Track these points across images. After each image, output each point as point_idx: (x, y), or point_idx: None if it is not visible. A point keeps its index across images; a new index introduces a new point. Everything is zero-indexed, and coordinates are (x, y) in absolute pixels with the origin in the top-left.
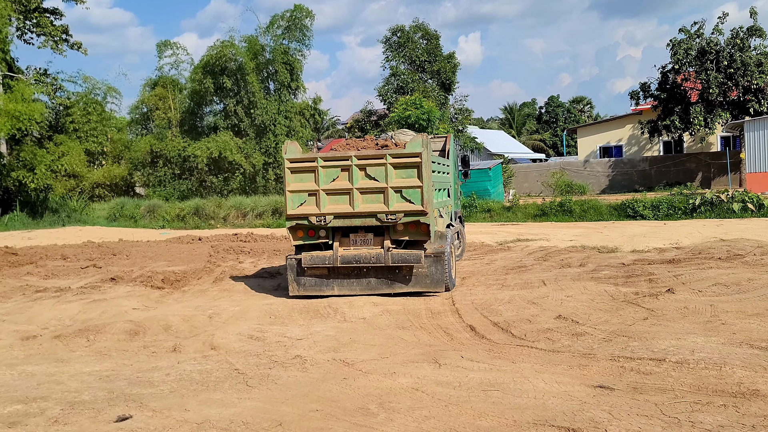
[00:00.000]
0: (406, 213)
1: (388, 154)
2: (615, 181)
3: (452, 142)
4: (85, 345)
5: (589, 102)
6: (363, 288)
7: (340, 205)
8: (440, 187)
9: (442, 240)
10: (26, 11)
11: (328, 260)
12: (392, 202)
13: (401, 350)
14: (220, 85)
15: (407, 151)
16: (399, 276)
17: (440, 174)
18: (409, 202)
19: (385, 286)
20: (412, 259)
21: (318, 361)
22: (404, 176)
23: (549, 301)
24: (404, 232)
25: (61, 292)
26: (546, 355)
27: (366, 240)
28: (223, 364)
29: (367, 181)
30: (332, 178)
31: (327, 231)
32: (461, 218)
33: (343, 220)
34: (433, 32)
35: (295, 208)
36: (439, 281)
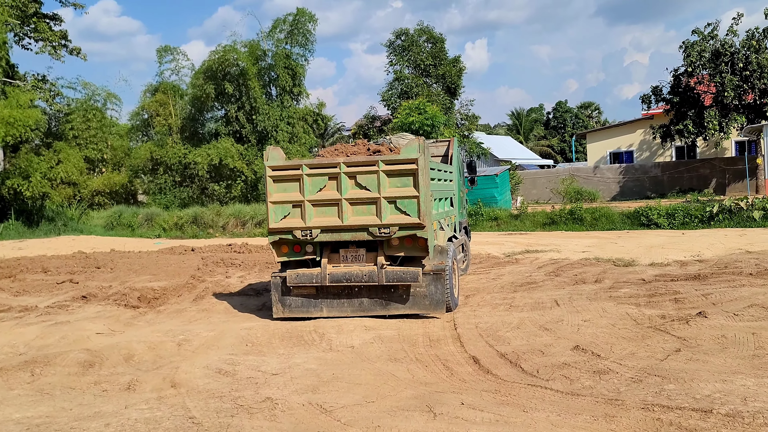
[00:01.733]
0: (400, 226)
1: (380, 161)
2: (626, 187)
3: (456, 146)
4: (28, 381)
5: (597, 107)
6: (355, 309)
7: (328, 218)
8: (442, 197)
9: (443, 255)
10: (24, 17)
11: (315, 278)
12: (385, 214)
13: (391, 391)
14: (222, 90)
15: (402, 157)
16: (395, 296)
17: (442, 182)
18: (405, 214)
19: (380, 308)
20: (409, 278)
21: (291, 405)
22: (399, 185)
23: (564, 326)
24: (400, 247)
25: (25, 312)
26: (563, 400)
27: (357, 256)
28: (178, 410)
29: (358, 190)
30: (319, 187)
31: (314, 246)
32: (467, 229)
33: (332, 234)
34: (438, 35)
35: (278, 221)
36: (440, 302)
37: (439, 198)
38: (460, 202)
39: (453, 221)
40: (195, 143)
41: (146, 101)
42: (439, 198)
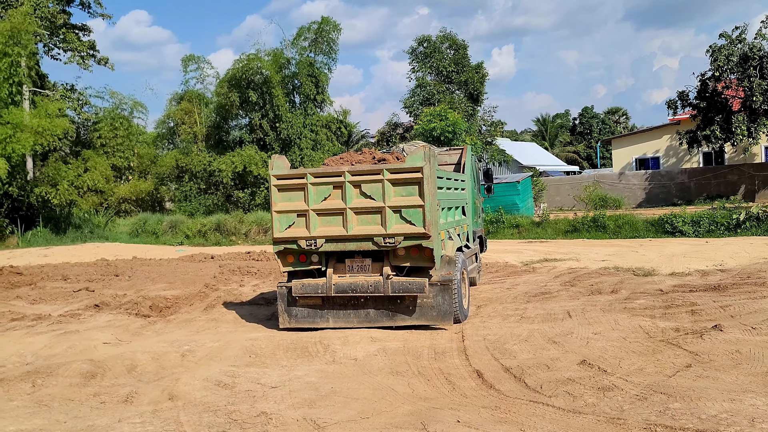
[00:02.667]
0: (406, 236)
1: (385, 169)
2: (652, 194)
3: (469, 155)
4: (28, 392)
5: (624, 113)
6: (361, 320)
7: (333, 227)
8: (452, 206)
9: (451, 266)
10: (54, 27)
11: (321, 289)
12: (390, 224)
13: (387, 406)
14: (246, 98)
15: (407, 166)
16: (401, 307)
17: (452, 191)
18: (410, 224)
19: (386, 319)
20: (415, 289)
21: (285, 420)
22: (404, 194)
23: (573, 339)
24: (406, 257)
25: (37, 321)
26: (564, 418)
27: (363, 266)
28: (170, 424)
29: (362, 199)
30: (323, 196)
31: (320, 256)
32: (482, 238)
33: (336, 244)
34: (460, 42)
35: (282, 230)
36: (447, 313)
37: (449, 207)
38: (474, 211)
39: (465, 230)
40: (219, 151)
41: (172, 110)
42: (449, 207)
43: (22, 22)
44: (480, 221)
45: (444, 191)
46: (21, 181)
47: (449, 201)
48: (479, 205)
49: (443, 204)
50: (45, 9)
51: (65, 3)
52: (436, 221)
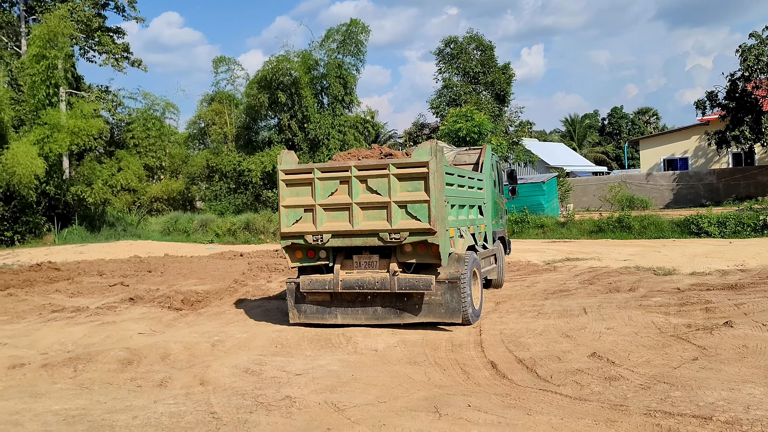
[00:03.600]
0: (411, 231)
1: (391, 164)
2: (680, 195)
3: (489, 154)
4: (70, 376)
5: (655, 113)
6: (369, 317)
7: (339, 222)
8: (465, 204)
9: (460, 264)
10: (89, 30)
11: (328, 285)
12: (396, 219)
13: (404, 392)
14: (275, 99)
15: (413, 161)
16: (408, 304)
17: (465, 189)
18: (416, 219)
19: (394, 316)
20: (422, 285)
21: (308, 403)
22: (410, 189)
23: (586, 333)
24: (413, 253)
25: (76, 313)
26: (570, 405)
27: (371, 262)
28: (201, 406)
29: (369, 195)
30: (330, 191)
31: (327, 252)
32: (504, 239)
33: (343, 239)
34: (487, 43)
35: (290, 225)
36: (455, 311)
37: (461, 205)
38: (495, 212)
39: (482, 230)
40: (249, 151)
41: (203, 110)
42: (461, 205)
43: (59, 25)
44: (502, 222)
45: (455, 188)
46: (58, 180)
47: (461, 199)
48: (501, 206)
49: (453, 201)
50: (81, 13)
51: (100, 7)
52: (443, 217)
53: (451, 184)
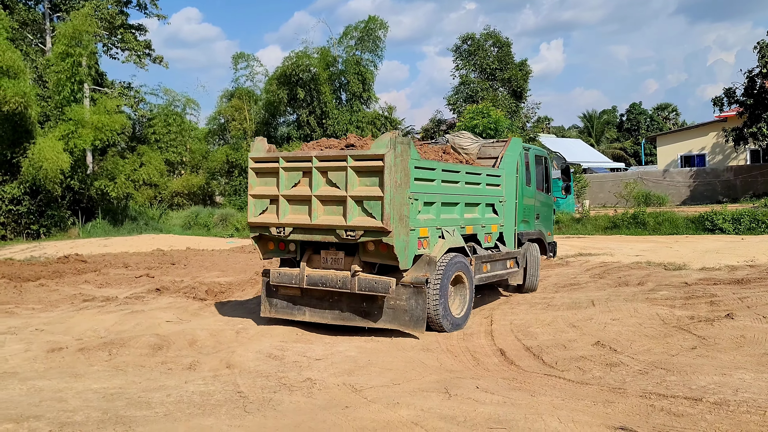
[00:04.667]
0: (366, 230)
1: (349, 156)
2: (697, 191)
3: (515, 148)
4: (106, 359)
5: (674, 109)
6: (335, 317)
7: (300, 216)
8: (460, 201)
9: (430, 267)
10: (112, 28)
11: (294, 279)
12: (352, 216)
13: (417, 376)
14: (294, 95)
15: (369, 152)
16: (374, 307)
17: (460, 185)
18: (371, 217)
19: (359, 318)
20: (380, 288)
21: (328, 385)
22: (367, 184)
23: (592, 324)
24: (375, 253)
25: (106, 302)
26: (571, 388)
27: (336, 260)
28: (229, 386)
29: (328, 188)
30: (294, 182)
31: (296, 245)
32: (543, 240)
33: (303, 233)
34: (504, 40)
35: (257, 215)
36: (419, 319)
37: (446, 203)
38: (524, 211)
39: (494, 231)
40: None
41: (223, 106)
42: (446, 203)
43: (84, 23)
44: (540, 223)
45: (435, 184)
46: (82, 175)
47: (447, 196)
48: (537, 205)
49: (430, 198)
50: (104, 10)
51: (123, 4)
52: (405, 216)
53: (426, 180)
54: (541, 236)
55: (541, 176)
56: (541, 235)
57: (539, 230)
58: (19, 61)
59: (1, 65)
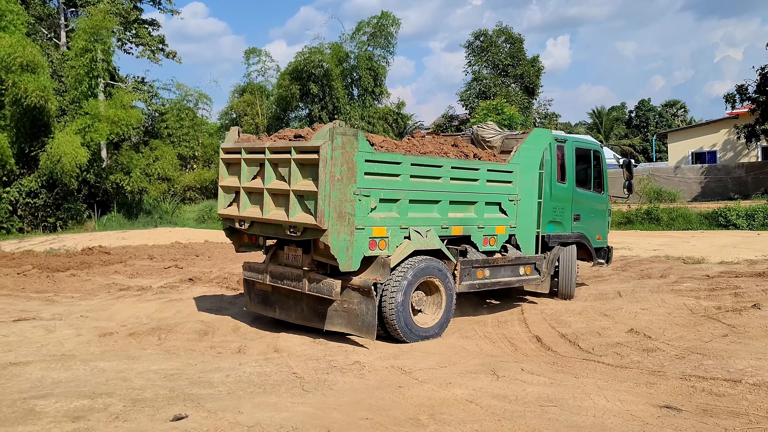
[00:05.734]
0: (305, 227)
1: (293, 148)
2: (708, 188)
3: (535, 140)
4: (156, 343)
5: (683, 106)
6: (298, 316)
7: (255, 209)
8: (441, 199)
9: (385, 270)
10: (126, 23)
11: (260, 275)
12: (294, 211)
13: (461, 359)
14: (306, 90)
15: (308, 145)
16: (330, 309)
17: (452, 182)
18: (309, 213)
19: (317, 319)
20: (325, 290)
21: (376, 367)
22: (308, 177)
23: (622, 313)
24: (323, 252)
25: (142, 291)
26: (612, 371)
27: (296, 256)
28: (283, 368)
29: (277, 181)
30: (253, 174)
31: (263, 240)
32: (587, 245)
33: (260, 228)
34: (516, 36)
35: (225, 207)
36: (369, 326)
37: (421, 200)
38: (552, 211)
39: (501, 233)
40: None
41: (234, 101)
42: (421, 200)
43: (103, 20)
44: (580, 225)
45: (398, 180)
46: (97, 169)
47: (421, 192)
48: (571, 204)
49: (391, 195)
50: (119, 6)
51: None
52: (345, 213)
53: (385, 174)
54: (584, 240)
55: (585, 172)
56: (583, 239)
57: (580, 233)
58: (39, 56)
59: (21, 60)
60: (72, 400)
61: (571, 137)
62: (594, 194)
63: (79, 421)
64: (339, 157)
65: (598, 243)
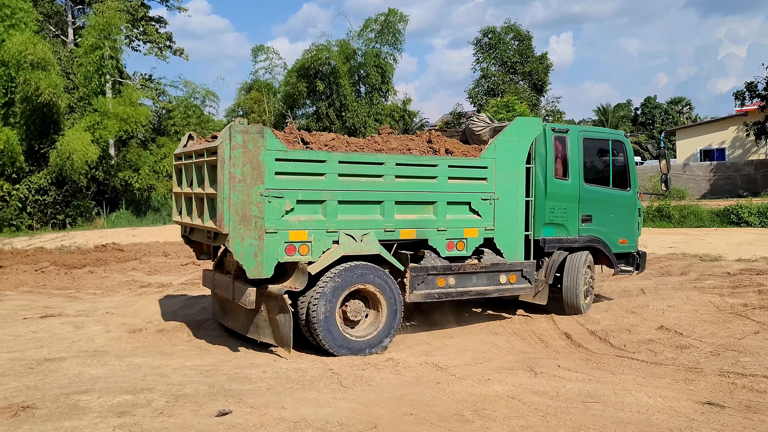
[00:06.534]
0: (215, 232)
1: (205, 150)
2: (717, 185)
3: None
4: (186, 340)
5: (688, 103)
6: (241, 326)
7: (189, 215)
8: (400, 199)
9: (301, 277)
10: (134, 20)
11: (209, 282)
12: (206, 216)
13: (494, 356)
14: (313, 88)
15: (212, 145)
16: (260, 317)
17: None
18: (213, 217)
19: (253, 328)
20: (242, 298)
21: (410, 364)
22: (213, 180)
23: (649, 310)
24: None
25: (162, 288)
26: (648, 368)
27: (231, 262)
28: (318, 364)
29: (198, 185)
30: (189, 180)
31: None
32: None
33: (196, 234)
34: (525, 33)
35: (176, 215)
36: (286, 337)
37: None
38: (548, 211)
39: (473, 236)
40: None
41: (241, 99)
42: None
43: (114, 17)
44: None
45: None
46: (106, 166)
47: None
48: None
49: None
50: (127, 3)
51: None
52: (251, 216)
53: (304, 174)
54: (598, 244)
55: (601, 166)
56: (598, 243)
57: (591, 236)
58: (49, 54)
59: (33, 58)
60: (114, 396)
61: (578, 127)
62: (615, 192)
63: (125, 416)
64: (240, 156)
65: (622, 248)
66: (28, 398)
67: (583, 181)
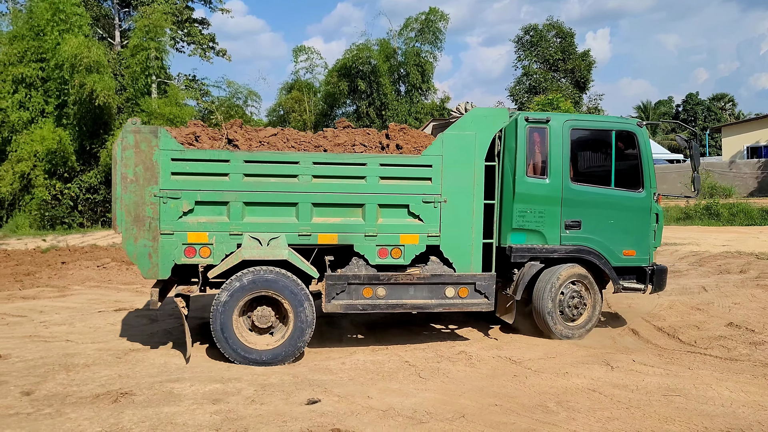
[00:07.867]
0: None
1: None
2: (765, 183)
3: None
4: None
5: (731, 99)
6: None
7: None
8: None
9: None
10: (179, 22)
11: None
12: None
13: (566, 351)
14: (354, 87)
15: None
16: None
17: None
18: None
19: None
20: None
21: (483, 357)
22: None
23: (715, 307)
24: None
25: None
26: (723, 364)
27: None
28: (393, 356)
29: None
30: None
31: None
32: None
33: None
34: (567, 30)
35: None
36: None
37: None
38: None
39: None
40: None
41: (282, 98)
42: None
43: (160, 19)
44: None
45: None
46: None
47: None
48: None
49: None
50: (173, 5)
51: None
52: (144, 217)
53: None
54: (589, 255)
55: (596, 162)
56: (589, 254)
57: (579, 246)
58: (103, 57)
59: (88, 61)
60: (204, 384)
61: (565, 116)
62: (619, 193)
63: (219, 404)
64: (131, 156)
65: (628, 260)
66: (123, 386)
67: (569, 180)
